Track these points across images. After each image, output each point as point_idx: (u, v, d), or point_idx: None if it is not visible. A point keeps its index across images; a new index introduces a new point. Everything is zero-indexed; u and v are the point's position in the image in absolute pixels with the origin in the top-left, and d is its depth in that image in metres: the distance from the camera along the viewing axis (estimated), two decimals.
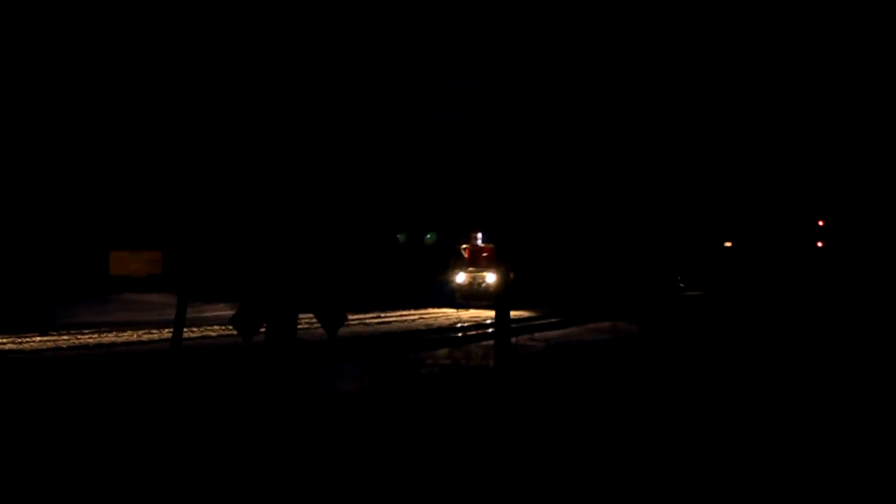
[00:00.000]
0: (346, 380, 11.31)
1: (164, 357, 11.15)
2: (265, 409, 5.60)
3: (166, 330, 16.63)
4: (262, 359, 5.97)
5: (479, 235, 29.96)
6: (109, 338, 16.39)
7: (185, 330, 10.52)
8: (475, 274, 29.27)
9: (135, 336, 16.68)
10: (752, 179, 59.83)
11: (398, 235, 31.42)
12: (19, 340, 15.43)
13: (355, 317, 19.70)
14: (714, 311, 27.84)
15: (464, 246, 30.02)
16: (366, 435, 8.00)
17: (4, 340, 15.35)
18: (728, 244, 58.90)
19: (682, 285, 47.39)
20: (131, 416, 8.38)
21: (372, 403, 9.69)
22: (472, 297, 28.97)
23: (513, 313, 23.43)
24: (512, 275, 27.52)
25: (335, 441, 7.72)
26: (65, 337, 16.31)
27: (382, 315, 23.12)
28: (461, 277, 29.70)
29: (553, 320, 22.93)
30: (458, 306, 27.70)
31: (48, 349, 14.30)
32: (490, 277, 28.07)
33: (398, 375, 11.75)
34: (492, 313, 24.52)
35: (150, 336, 16.61)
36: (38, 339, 15.85)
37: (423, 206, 33.32)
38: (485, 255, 29.34)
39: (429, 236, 31.71)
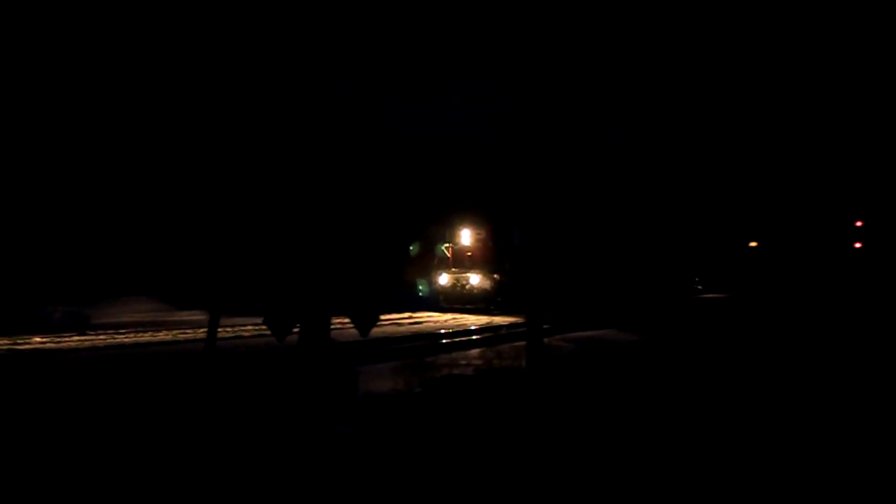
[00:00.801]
0: (380, 380, 11.32)
1: (198, 357, 11.26)
2: (298, 409, 5.62)
3: (201, 330, 16.80)
4: (296, 358, 5.97)
5: (465, 233, 27.97)
6: (145, 337, 16.58)
7: (218, 329, 10.61)
8: (458, 275, 27.45)
9: (170, 336, 16.87)
10: (785, 175, 56.44)
11: (411, 247, 30.54)
12: (58, 340, 15.67)
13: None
14: (727, 316, 26.13)
15: (446, 245, 28.08)
16: (399, 437, 7.99)
17: (44, 340, 15.60)
18: (753, 244, 55.94)
19: (699, 287, 45.31)
20: (162, 417, 8.46)
21: (406, 404, 9.68)
22: (454, 300, 27.29)
23: (493, 319, 22.91)
24: (499, 276, 26.67)
25: (366, 442, 7.72)
26: (101, 336, 16.53)
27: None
28: (444, 279, 27.72)
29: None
30: (441, 310, 26.47)
31: (85, 348, 14.48)
32: (474, 279, 26.93)
33: (431, 375, 11.74)
34: (476, 318, 23.50)
35: (185, 335, 16.78)
36: (77, 338, 16.08)
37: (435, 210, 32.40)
38: (469, 254, 27.70)
39: (412, 248, 30.34)
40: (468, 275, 27.15)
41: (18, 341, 15.19)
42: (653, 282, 37.55)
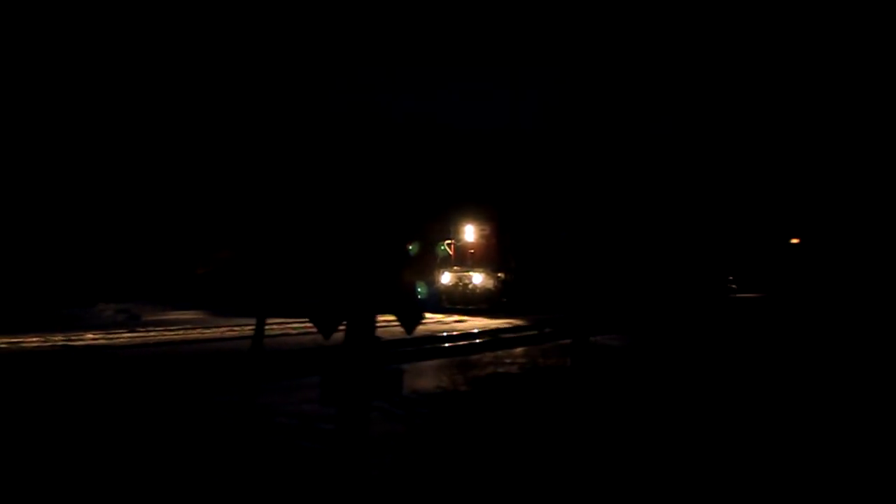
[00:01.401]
0: (425, 378, 11.35)
1: (247, 355, 11.38)
2: (344, 406, 5.66)
3: (247, 327, 17.02)
4: (342, 355, 5.99)
5: (468, 229, 26.39)
6: (194, 334, 16.84)
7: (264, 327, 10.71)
8: (461, 274, 25.87)
9: (218, 333, 17.11)
10: (832, 166, 51.80)
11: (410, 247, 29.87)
12: (110, 336, 16.01)
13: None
14: (758, 318, 23.85)
15: (448, 242, 26.37)
16: (443, 436, 8.00)
17: (96, 336, 15.94)
18: (795, 241, 51.78)
19: (733, 287, 42.88)
20: (204, 413, 8.58)
21: (451, 402, 9.68)
22: (457, 300, 25.73)
23: (491, 322, 21.27)
24: (504, 275, 25.27)
25: (409, 438, 7.74)
26: (152, 333, 16.86)
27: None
28: (446, 278, 26.02)
29: (526, 334, 18.18)
30: (443, 311, 24.92)
31: (136, 345, 14.77)
32: (477, 278, 25.39)
33: (475, 373, 11.72)
34: (478, 321, 21.74)
35: (233, 332, 17.00)
36: (127, 335, 16.41)
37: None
38: (472, 252, 26.15)
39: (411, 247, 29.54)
40: (471, 274, 25.73)
41: (72, 337, 15.54)
42: (681, 282, 35.57)
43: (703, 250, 40.08)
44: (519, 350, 15.30)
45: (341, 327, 5.97)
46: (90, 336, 15.91)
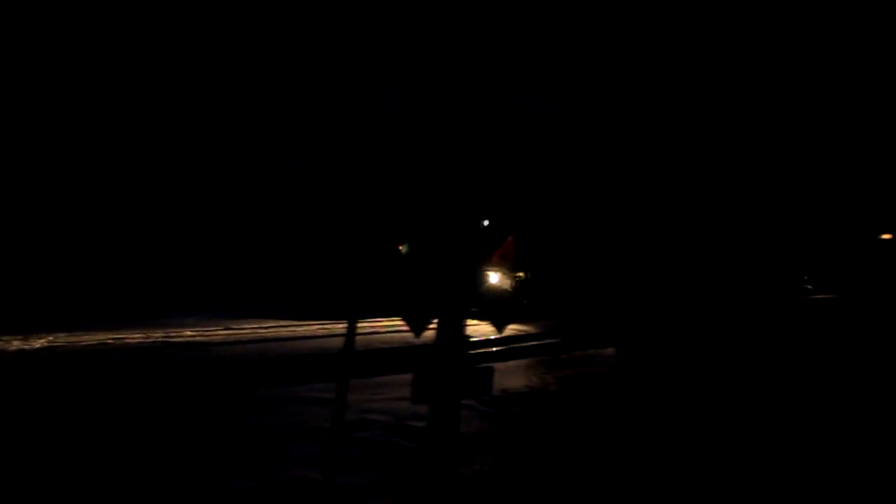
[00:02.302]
0: (513, 377, 11.29)
1: (335, 352, 11.56)
2: (436, 404, 5.67)
3: (338, 325, 17.32)
4: (434, 353, 6.00)
5: (485, 223, 23.45)
6: (285, 332, 17.21)
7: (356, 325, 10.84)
8: None
9: (309, 331, 17.45)
10: None
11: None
12: (206, 334, 16.62)
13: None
14: (837, 324, 19.76)
15: None
16: (533, 435, 7.93)
17: (194, 333, 16.51)
18: (887, 236, 44.57)
19: (809, 287, 38.54)
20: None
21: (541, 401, 9.59)
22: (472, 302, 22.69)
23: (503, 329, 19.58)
24: (524, 274, 21.66)
25: (499, 437, 7.69)
26: (245, 330, 17.35)
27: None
28: None
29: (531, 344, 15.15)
30: None
31: (230, 342, 15.21)
32: (493, 278, 21.20)
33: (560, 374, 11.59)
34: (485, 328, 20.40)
35: (324, 330, 17.32)
36: (223, 332, 16.98)
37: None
38: None
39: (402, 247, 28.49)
40: (487, 273, 22.15)
41: (171, 333, 16.14)
42: (747, 282, 31.91)
43: (775, 247, 36.37)
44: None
45: (431, 326, 6.01)
46: (188, 333, 16.50)
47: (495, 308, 20.45)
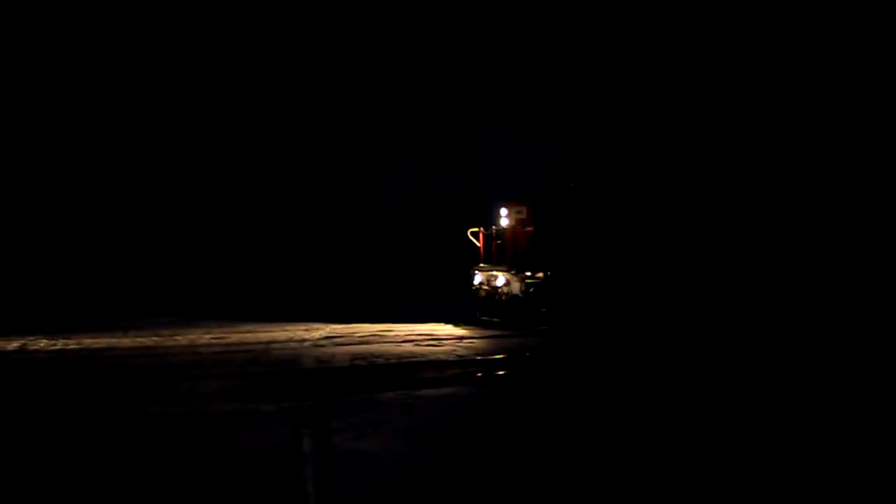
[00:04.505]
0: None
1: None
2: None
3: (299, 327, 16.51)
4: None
5: (502, 211, 17.72)
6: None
7: None
8: (488, 274, 17.42)
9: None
10: None
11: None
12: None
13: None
14: None
15: (474, 229, 18.15)
16: None
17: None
18: None
19: None
20: None
21: None
22: (485, 308, 17.34)
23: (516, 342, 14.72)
24: (542, 274, 16.70)
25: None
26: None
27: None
28: (477, 278, 17.69)
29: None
30: (458, 321, 17.09)
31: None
32: (501, 280, 16.89)
33: None
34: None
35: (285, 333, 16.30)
36: (208, 337, 15.68)
37: None
38: (499, 242, 17.60)
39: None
40: (497, 274, 17.34)
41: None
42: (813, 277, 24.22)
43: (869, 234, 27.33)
44: None
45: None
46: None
47: (504, 317, 17.16)
